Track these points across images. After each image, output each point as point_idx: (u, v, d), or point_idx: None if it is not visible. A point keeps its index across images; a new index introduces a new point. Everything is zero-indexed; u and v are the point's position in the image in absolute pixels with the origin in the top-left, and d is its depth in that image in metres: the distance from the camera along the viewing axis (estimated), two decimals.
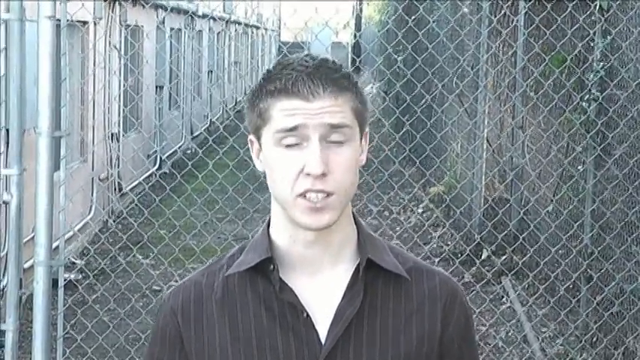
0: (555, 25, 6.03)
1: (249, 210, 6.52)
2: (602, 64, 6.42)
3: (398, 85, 7.73)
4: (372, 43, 21.87)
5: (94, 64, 10.40)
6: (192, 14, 16.29)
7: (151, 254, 6.56)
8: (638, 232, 5.96)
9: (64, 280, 4.47)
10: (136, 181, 11.87)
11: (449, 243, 9.04)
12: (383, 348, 1.84)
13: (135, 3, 12.12)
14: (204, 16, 17.31)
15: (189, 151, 15.22)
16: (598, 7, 6.30)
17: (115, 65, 11.27)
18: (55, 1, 4.08)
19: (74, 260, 8.81)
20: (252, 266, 1.85)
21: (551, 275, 6.19)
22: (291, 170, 1.77)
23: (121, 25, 11.63)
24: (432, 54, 7.51)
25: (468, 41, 8.33)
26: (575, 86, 6.69)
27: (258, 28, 27.92)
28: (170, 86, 15.25)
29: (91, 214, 9.96)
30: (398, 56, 7.40)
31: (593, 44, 6.52)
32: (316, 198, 1.77)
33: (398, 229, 9.23)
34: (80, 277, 8.21)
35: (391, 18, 13.55)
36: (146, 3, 12.38)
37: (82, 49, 10.15)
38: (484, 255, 8.32)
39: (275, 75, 1.80)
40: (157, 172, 12.05)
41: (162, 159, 13.42)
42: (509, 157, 8.78)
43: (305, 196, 1.77)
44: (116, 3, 11.34)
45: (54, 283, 4.23)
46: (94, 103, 10.47)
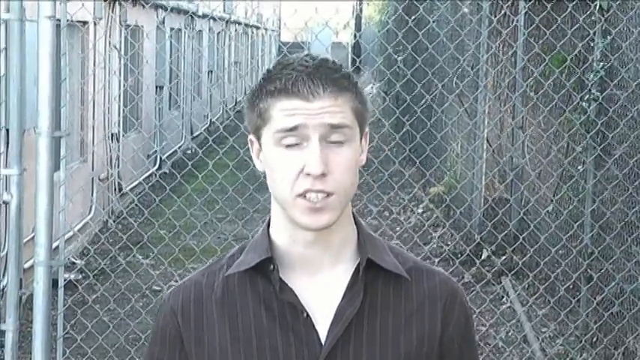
0: (555, 25, 6.03)
1: (249, 210, 6.51)
2: (602, 64, 6.42)
3: (398, 85, 7.72)
4: (372, 43, 21.87)
5: (94, 64, 10.39)
6: (193, 14, 16.29)
7: (151, 254, 6.56)
8: (638, 232, 5.96)
9: (64, 280, 4.47)
10: (136, 181, 11.87)
11: (449, 243, 9.03)
12: (383, 348, 1.84)
13: (135, 3, 12.12)
14: (204, 16, 17.31)
15: (189, 151, 15.21)
16: (598, 7, 6.30)
17: (115, 65, 11.27)
18: (55, 1, 4.08)
19: (74, 260, 8.81)
20: (252, 266, 1.85)
21: (551, 275, 6.18)
22: (291, 170, 1.77)
23: (121, 25, 11.63)
24: (432, 54, 7.51)
25: (468, 41, 8.32)
26: (575, 86, 6.69)
27: (258, 28, 27.91)
28: (170, 86, 15.24)
29: (91, 214, 9.96)
30: (398, 56, 7.40)
31: (593, 44, 6.52)
32: (316, 198, 1.77)
33: (398, 229, 9.23)
34: (80, 277, 8.21)
35: (391, 18, 13.55)
36: (146, 3, 12.37)
37: (82, 49, 10.15)
38: (484, 255, 8.32)
39: (275, 75, 1.80)
40: (156, 172, 12.05)
41: (162, 159, 13.41)
42: (509, 157, 8.78)
43: (305, 196, 1.77)
44: (116, 3, 11.33)
45: (54, 283, 4.23)
46: (94, 103, 10.47)
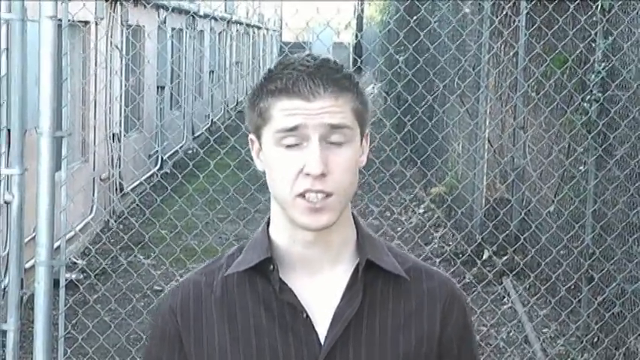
0: (557, 26, 6.03)
1: (250, 210, 6.51)
2: (603, 64, 6.42)
3: (399, 86, 7.73)
4: (373, 43, 21.87)
5: (95, 64, 10.40)
6: (194, 14, 16.29)
7: (152, 254, 6.55)
8: (639, 232, 5.96)
9: (65, 280, 4.47)
10: (137, 181, 11.87)
11: (450, 243, 9.03)
12: (382, 348, 1.84)
13: (136, 3, 12.12)
14: (205, 16, 17.31)
15: (190, 151, 15.22)
16: (599, 7, 6.30)
17: (117, 65, 11.27)
18: (57, 1, 4.08)
19: (75, 260, 8.81)
20: (252, 266, 1.84)
21: (553, 276, 6.18)
22: (291, 170, 1.76)
23: (123, 25, 11.63)
24: (433, 54, 7.52)
25: (469, 41, 8.32)
26: (577, 87, 6.69)
27: (259, 28, 27.92)
28: (171, 86, 15.24)
29: (92, 214, 9.96)
30: (399, 56, 7.41)
31: (594, 45, 6.51)
32: (315, 198, 1.76)
33: (399, 229, 9.23)
34: (81, 277, 8.21)
35: (393, 18, 13.55)
36: (147, 3, 12.37)
37: (84, 49, 10.15)
38: (485, 255, 8.32)
39: (276, 74, 1.79)
40: (158, 172, 12.05)
41: (163, 159, 13.41)
42: (510, 157, 8.78)
43: (304, 197, 1.77)
44: (117, 3, 11.34)
45: (55, 283, 4.23)
46: (95, 103, 10.47)
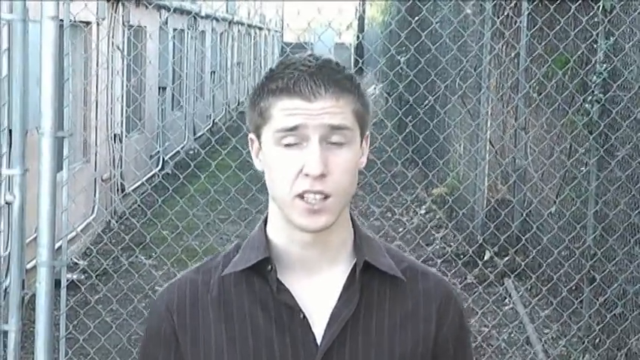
0: (558, 27, 6.03)
1: (251, 211, 6.50)
2: (605, 65, 6.41)
3: (401, 86, 7.73)
4: (375, 44, 21.88)
5: (96, 64, 10.40)
6: (195, 15, 16.29)
7: (154, 255, 6.57)
8: None
9: (66, 281, 4.47)
10: (139, 182, 11.87)
11: (451, 244, 9.03)
12: (378, 349, 1.83)
13: (138, 3, 12.12)
14: (207, 17, 17.31)
15: (191, 152, 15.23)
16: (601, 8, 6.30)
17: (118, 66, 11.27)
18: (58, 2, 4.08)
19: (77, 261, 8.81)
20: (250, 266, 1.84)
21: (554, 276, 6.18)
22: (290, 170, 1.76)
23: (124, 26, 11.63)
24: (434, 55, 7.52)
25: (470, 42, 8.32)
26: (578, 88, 6.69)
27: (261, 28, 27.92)
28: (173, 87, 15.24)
29: (94, 214, 9.96)
30: (401, 57, 7.41)
31: (596, 46, 6.51)
32: (314, 199, 1.76)
33: (400, 230, 9.23)
34: (83, 277, 8.21)
35: (394, 19, 13.55)
36: (149, 3, 12.38)
37: (85, 49, 10.15)
38: (487, 256, 8.31)
39: (277, 74, 1.79)
40: (159, 172, 12.07)
41: (164, 160, 13.41)
42: (511, 158, 8.78)
43: (303, 197, 1.76)
44: (119, 3, 11.34)
45: (56, 283, 4.23)
46: (96, 103, 10.47)
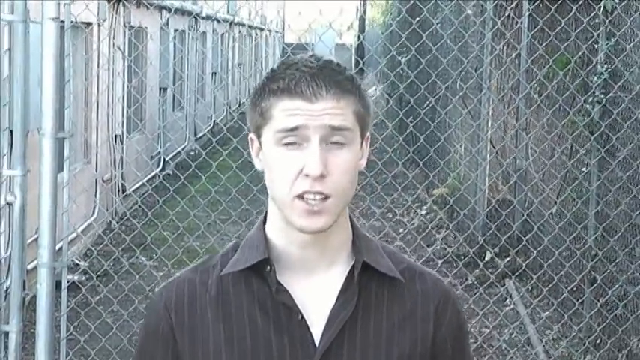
0: (559, 27, 6.03)
1: (252, 211, 6.50)
2: (606, 66, 6.41)
3: (402, 87, 7.73)
4: (375, 44, 21.88)
5: (97, 65, 10.40)
6: (196, 16, 16.29)
7: (155, 255, 6.57)
8: None
9: (67, 282, 4.47)
10: (140, 183, 11.87)
11: (452, 245, 9.03)
12: (376, 350, 1.83)
13: (139, 4, 12.12)
14: (208, 18, 17.31)
15: (192, 153, 15.23)
16: (602, 9, 6.30)
17: (119, 66, 11.27)
18: (59, 3, 4.08)
19: (77, 262, 8.81)
20: (248, 266, 1.84)
21: (555, 277, 6.18)
22: (290, 171, 1.76)
23: (125, 27, 11.63)
24: (435, 56, 7.52)
25: (471, 43, 8.32)
26: (579, 88, 6.69)
27: (262, 29, 27.92)
28: (174, 87, 15.25)
29: (95, 215, 9.96)
30: (402, 58, 7.41)
31: (597, 46, 6.51)
32: (314, 200, 1.75)
33: (401, 230, 9.23)
34: (83, 278, 8.20)
35: (395, 20, 13.55)
36: (150, 4, 12.38)
37: (86, 50, 10.15)
38: (487, 257, 8.31)
39: (278, 74, 1.79)
40: (160, 173, 12.07)
41: (165, 160, 13.42)
42: (512, 159, 8.78)
43: (302, 198, 1.76)
44: (120, 4, 11.34)
45: (57, 284, 4.23)
46: (97, 104, 10.48)
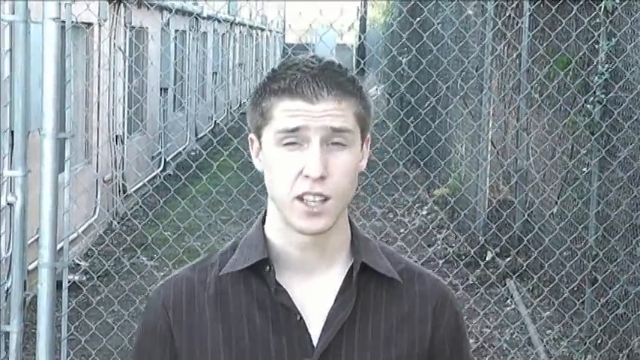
0: (560, 27, 6.03)
1: (253, 212, 6.50)
2: (606, 66, 6.41)
3: (402, 87, 7.73)
4: (376, 45, 21.88)
5: (98, 65, 10.40)
6: (197, 16, 16.30)
7: (155, 256, 6.57)
8: None
9: (68, 282, 4.47)
10: (141, 183, 11.87)
11: (453, 245, 9.03)
12: (374, 351, 1.83)
13: (139, 5, 12.12)
14: (208, 18, 17.31)
15: (193, 153, 15.23)
16: (603, 9, 6.30)
17: (120, 67, 11.28)
18: (60, 3, 4.08)
19: (78, 262, 8.81)
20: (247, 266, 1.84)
21: (556, 277, 6.18)
22: (290, 171, 1.75)
23: (126, 27, 11.64)
24: (436, 56, 7.52)
25: (472, 43, 8.32)
26: (580, 88, 6.69)
27: (262, 29, 27.92)
28: (175, 88, 15.25)
29: (96, 215, 9.96)
30: (402, 58, 7.41)
31: (597, 46, 6.51)
32: (313, 202, 1.75)
33: (402, 230, 9.22)
34: (84, 278, 8.21)
35: (396, 20, 13.55)
36: (151, 5, 12.38)
37: (87, 50, 10.15)
38: (488, 257, 8.31)
39: (280, 75, 1.78)
40: (161, 173, 12.07)
41: (166, 161, 13.42)
42: (513, 159, 8.77)
43: (302, 199, 1.75)
44: (121, 5, 11.34)
45: (58, 284, 4.23)
46: (98, 104, 10.48)
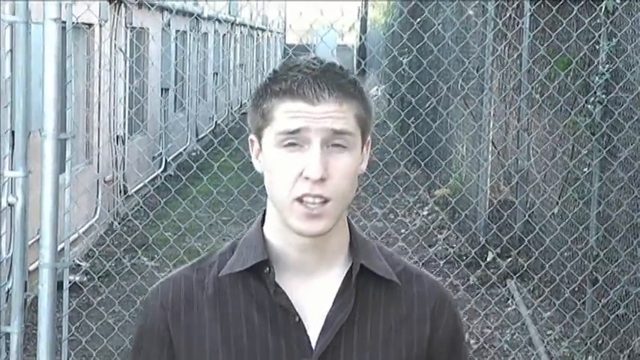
0: (561, 28, 6.03)
1: (254, 212, 6.49)
2: (607, 66, 6.41)
3: (403, 88, 7.72)
4: (377, 45, 21.88)
5: (99, 66, 10.40)
6: (198, 16, 16.30)
7: (156, 256, 6.56)
8: None
9: (69, 283, 4.47)
10: (141, 184, 11.87)
11: (454, 245, 9.02)
12: (373, 353, 1.83)
13: (140, 5, 12.13)
14: (209, 19, 17.32)
15: (194, 153, 15.22)
16: (603, 9, 6.30)
17: (121, 67, 11.28)
18: (61, 4, 4.08)
19: (79, 262, 8.81)
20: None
21: (557, 278, 6.18)
22: (290, 173, 1.75)
23: (127, 28, 11.64)
24: (437, 56, 7.51)
25: (473, 43, 8.32)
26: (581, 89, 6.69)
27: (263, 30, 27.92)
28: (175, 88, 15.25)
29: (96, 216, 9.96)
30: (403, 58, 7.40)
31: (598, 47, 6.51)
32: (313, 204, 1.75)
33: (403, 231, 9.23)
34: (85, 279, 8.21)
35: (396, 20, 13.55)
36: (151, 5, 12.38)
37: (88, 51, 10.16)
38: (489, 257, 8.31)
39: (281, 76, 1.78)
40: (162, 174, 12.07)
41: (167, 161, 13.42)
42: (514, 159, 8.77)
43: (302, 201, 1.75)
44: (122, 5, 11.35)
45: (59, 285, 4.23)
46: (99, 105, 10.48)
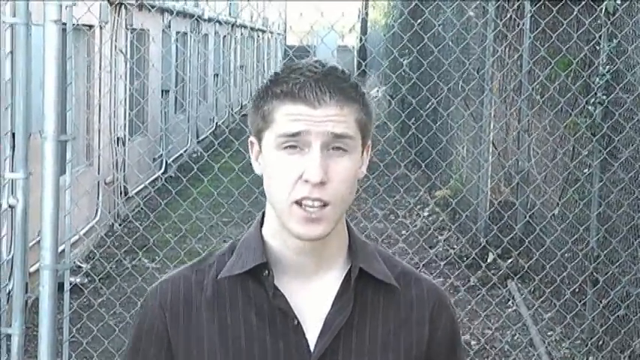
0: (561, 29, 6.03)
1: (254, 213, 6.49)
2: (608, 67, 6.41)
3: (404, 89, 7.72)
4: (377, 46, 21.87)
5: (99, 67, 10.41)
6: (198, 18, 16.30)
7: (157, 258, 6.55)
8: None
9: (69, 284, 4.48)
10: (142, 185, 11.87)
11: (455, 246, 9.03)
12: (372, 356, 1.83)
13: (141, 7, 12.13)
14: (209, 20, 17.32)
15: (194, 155, 15.22)
16: (604, 10, 6.30)
17: (121, 69, 11.28)
18: (61, 5, 4.08)
19: (80, 264, 8.81)
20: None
21: (557, 279, 6.18)
22: (290, 176, 1.74)
23: (127, 29, 11.64)
24: (437, 57, 7.51)
25: (473, 44, 8.32)
26: (581, 90, 6.69)
27: (263, 31, 27.92)
28: (176, 90, 15.25)
29: (97, 217, 9.96)
30: (404, 59, 7.40)
31: (599, 48, 6.51)
32: (312, 208, 1.74)
33: (404, 232, 9.23)
34: (86, 280, 8.21)
35: (397, 21, 13.55)
36: (152, 7, 12.39)
37: (88, 52, 10.16)
38: (490, 258, 8.30)
39: (282, 78, 1.77)
40: (162, 175, 12.07)
41: (167, 163, 13.42)
42: (514, 160, 8.77)
43: (301, 204, 1.75)
44: (122, 7, 11.35)
45: (60, 286, 4.23)
46: (99, 106, 10.48)
